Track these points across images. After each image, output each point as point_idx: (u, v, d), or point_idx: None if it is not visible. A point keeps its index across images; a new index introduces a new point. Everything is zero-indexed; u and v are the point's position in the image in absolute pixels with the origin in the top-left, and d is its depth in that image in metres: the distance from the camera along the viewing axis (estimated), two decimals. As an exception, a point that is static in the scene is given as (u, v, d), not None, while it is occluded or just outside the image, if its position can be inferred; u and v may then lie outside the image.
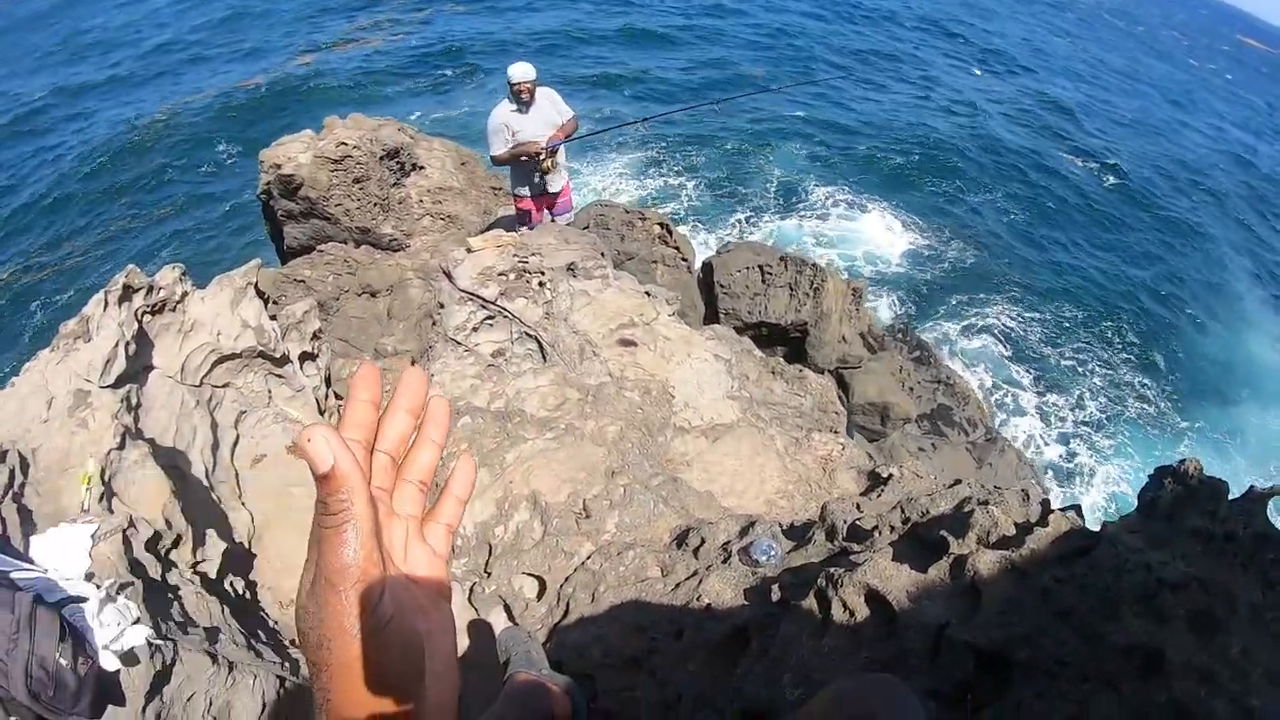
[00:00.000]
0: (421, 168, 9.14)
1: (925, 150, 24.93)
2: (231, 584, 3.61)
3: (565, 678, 2.94)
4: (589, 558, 3.46)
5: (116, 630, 2.42)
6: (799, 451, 4.10)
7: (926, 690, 2.52)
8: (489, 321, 5.01)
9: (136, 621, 2.54)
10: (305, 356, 4.98)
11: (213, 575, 3.46)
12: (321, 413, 4.91)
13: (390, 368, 6.35)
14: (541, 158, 6.38)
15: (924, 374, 11.44)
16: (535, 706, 2.57)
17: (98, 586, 2.51)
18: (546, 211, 6.91)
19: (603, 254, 5.50)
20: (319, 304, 6.89)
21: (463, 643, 3.53)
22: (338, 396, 5.30)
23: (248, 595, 3.72)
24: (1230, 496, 2.68)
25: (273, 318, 4.58)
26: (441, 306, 5.40)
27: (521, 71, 6.18)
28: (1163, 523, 2.68)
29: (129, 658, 2.51)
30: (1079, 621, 2.38)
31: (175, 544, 3.30)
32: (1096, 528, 2.65)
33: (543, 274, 5.16)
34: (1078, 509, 3.36)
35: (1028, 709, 2.42)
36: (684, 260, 8.89)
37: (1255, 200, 29.84)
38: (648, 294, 5.04)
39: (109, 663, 2.34)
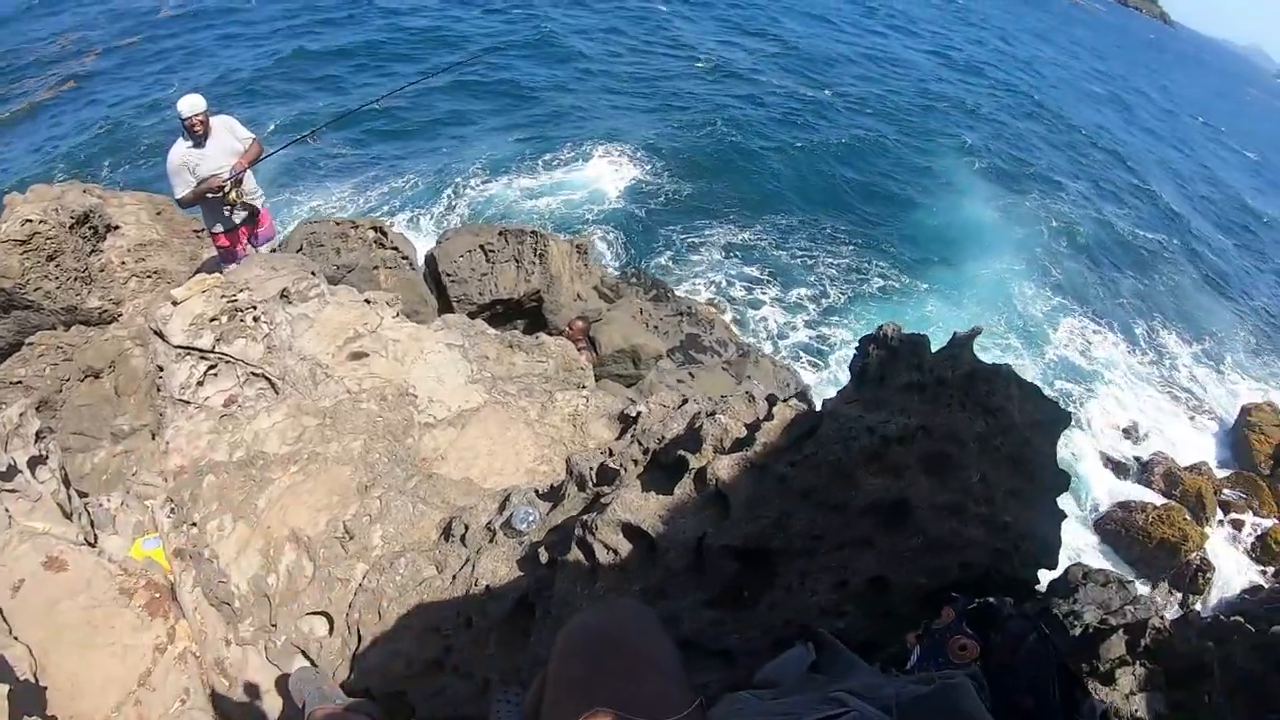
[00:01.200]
0: (116, 227, 8.35)
1: (632, 89, 25.47)
2: None
3: (359, 700, 2.89)
4: (364, 578, 3.38)
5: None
6: (547, 415, 4.14)
7: (702, 602, 2.63)
8: (212, 372, 4.71)
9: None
10: (34, 461, 4.52)
11: None
12: (68, 515, 4.48)
13: (131, 449, 5.86)
14: (226, 190, 6.00)
15: (665, 310, 11.80)
16: None
17: None
18: (249, 244, 6.53)
19: (314, 273, 5.27)
20: (44, 400, 6.29)
21: (275, 703, 3.38)
22: (81, 495, 4.86)
23: None
24: (935, 347, 2.92)
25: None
26: (160, 369, 5.02)
27: (190, 105, 5.78)
28: (875, 386, 2.87)
29: None
30: (821, 496, 2.53)
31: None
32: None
33: (255, 308, 4.88)
34: (802, 395, 3.58)
35: (797, 587, 2.57)
36: (405, 259, 8.70)
37: (959, 85, 32.63)
38: (367, 301, 4.89)
39: None
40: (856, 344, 3.08)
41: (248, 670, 3.44)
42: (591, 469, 3.10)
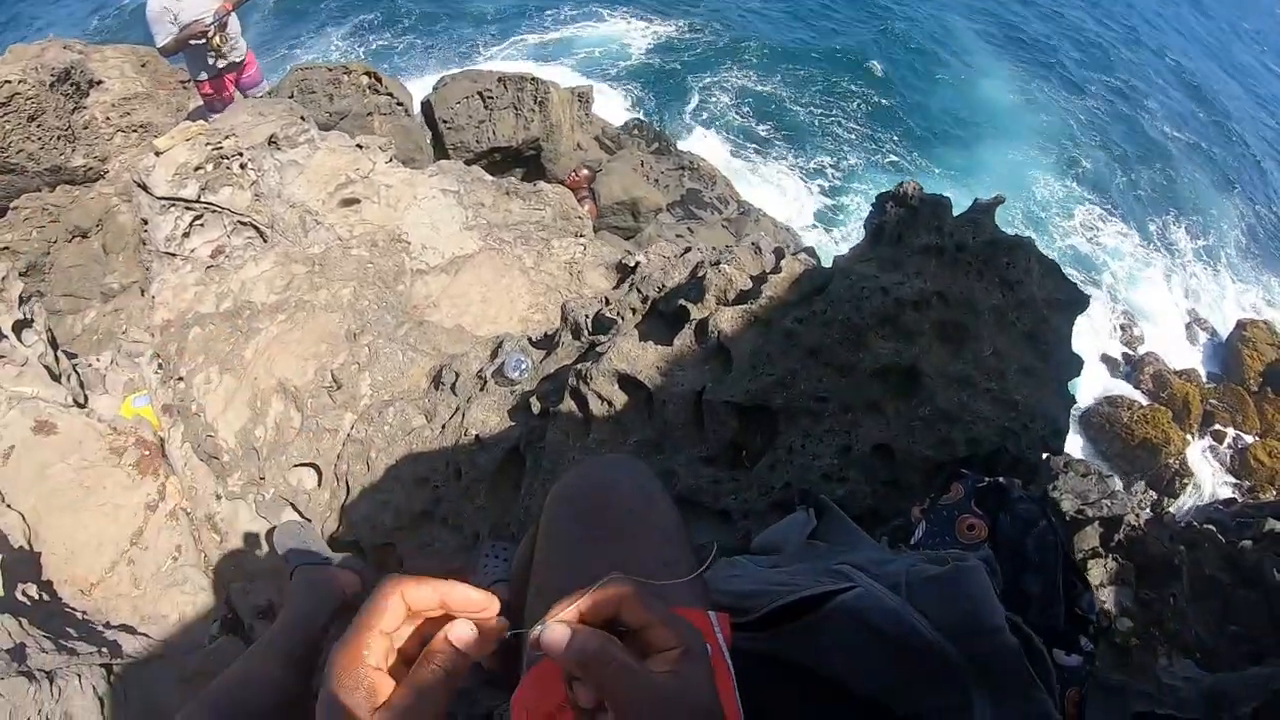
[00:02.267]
0: (99, 82, 8.00)
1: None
2: (24, 592, 3.26)
3: (343, 555, 2.85)
4: (353, 428, 3.30)
5: None
6: (543, 262, 3.99)
7: (700, 459, 2.54)
8: (198, 223, 4.53)
9: None
10: (20, 325, 4.41)
11: (0, 593, 3.11)
12: (56, 378, 4.40)
13: (121, 307, 5.74)
14: (210, 35, 5.68)
15: (667, 163, 11.47)
16: (323, 592, 2.48)
17: None
18: (236, 90, 6.23)
19: (303, 118, 5.01)
20: (32, 264, 6.18)
21: (267, 556, 3.36)
22: (69, 355, 4.77)
23: (44, 597, 3.37)
24: (955, 212, 2.74)
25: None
26: (145, 222, 4.83)
27: None
28: (891, 246, 2.71)
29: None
30: (829, 356, 2.40)
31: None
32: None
33: (242, 155, 4.65)
34: (810, 251, 3.41)
35: (799, 449, 2.47)
36: (400, 105, 8.35)
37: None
38: (359, 147, 4.67)
39: None
40: (873, 202, 2.90)
41: (238, 524, 3.42)
42: (587, 317, 2.97)
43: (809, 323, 2.40)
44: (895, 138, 18.47)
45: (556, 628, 0.67)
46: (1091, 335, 15.22)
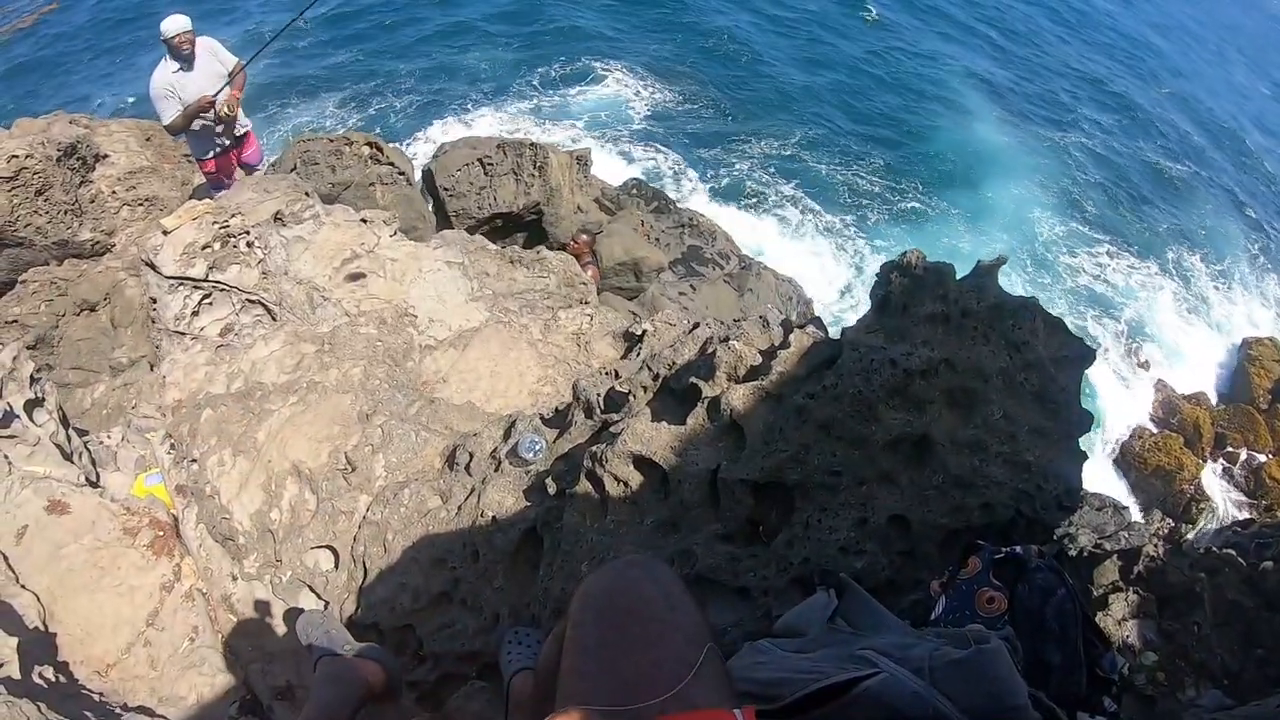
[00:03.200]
0: (105, 156, 8.13)
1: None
2: (40, 674, 3.25)
3: (367, 645, 2.84)
4: (368, 510, 3.31)
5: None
6: (550, 334, 4.02)
7: (717, 536, 2.55)
8: (207, 301, 4.58)
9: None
10: (31, 404, 4.43)
11: (17, 675, 3.10)
12: (68, 456, 4.42)
13: (130, 381, 5.77)
14: (217, 108, 5.79)
15: (667, 221, 11.65)
16: (349, 680, 2.49)
17: None
18: (238, 169, 6.33)
19: (307, 193, 5.09)
20: (40, 337, 6.22)
21: (285, 637, 3.35)
22: (80, 433, 4.79)
23: (60, 678, 3.36)
24: (959, 275, 2.78)
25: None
26: (154, 300, 4.89)
27: (177, 24, 5.55)
28: (897, 316, 2.75)
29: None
30: (841, 430, 2.43)
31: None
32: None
33: (248, 233, 4.72)
34: (817, 321, 3.44)
35: (815, 524, 2.47)
36: (401, 174, 8.51)
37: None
38: (364, 221, 4.73)
39: None
40: (877, 272, 2.94)
41: (254, 605, 3.41)
42: (599, 395, 2.99)
43: (820, 398, 2.42)
44: (898, 184, 18.70)
45: None
46: (1107, 365, 15.26)
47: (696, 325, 3.12)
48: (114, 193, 7.85)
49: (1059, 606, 2.06)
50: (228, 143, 6.14)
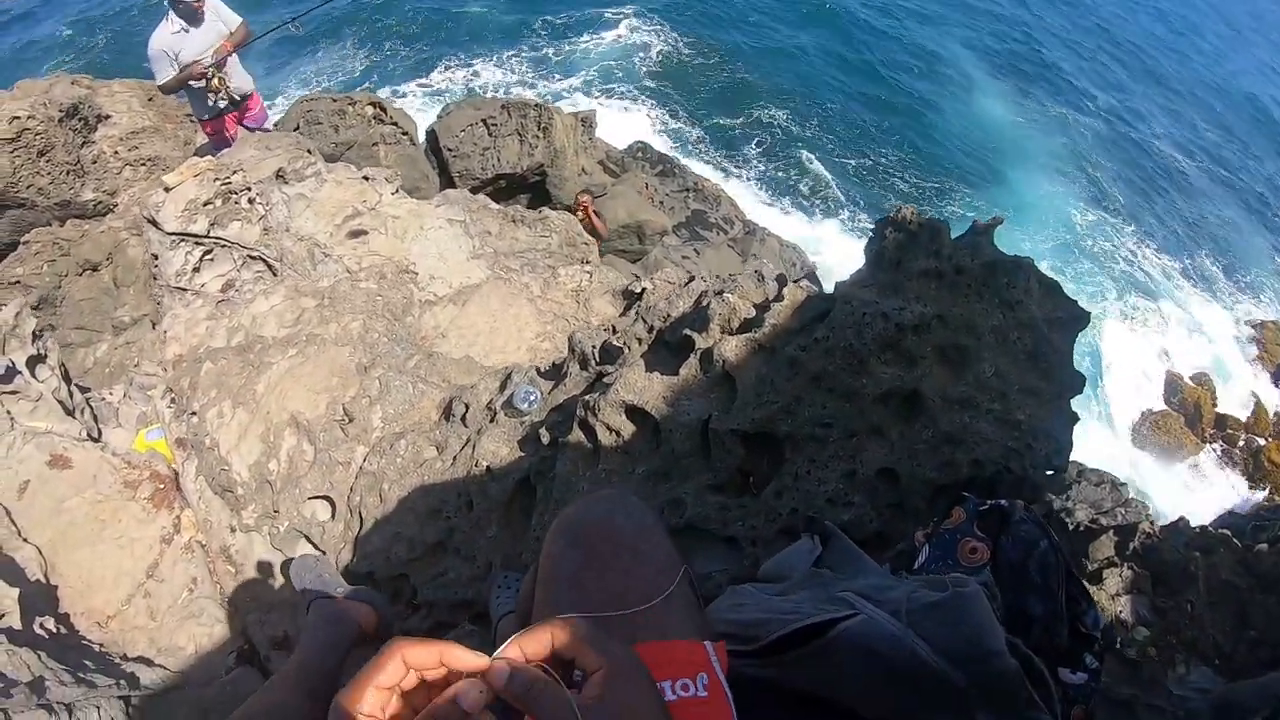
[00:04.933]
0: (107, 116, 8.12)
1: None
2: (41, 625, 3.30)
3: (359, 588, 2.88)
4: (365, 460, 3.34)
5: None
6: (550, 291, 4.04)
7: (707, 486, 2.57)
8: (208, 257, 4.60)
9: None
10: (33, 360, 4.47)
11: (18, 625, 3.15)
12: (69, 412, 4.46)
13: (133, 340, 5.80)
14: (209, 77, 5.76)
15: (671, 185, 11.59)
16: (342, 622, 2.52)
17: None
18: (240, 127, 6.31)
19: (309, 151, 5.09)
20: (43, 298, 6.24)
21: (282, 587, 3.40)
22: (82, 389, 4.83)
23: (61, 630, 3.41)
24: (954, 235, 2.78)
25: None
26: (156, 257, 4.91)
27: None
28: (891, 271, 2.74)
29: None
30: (832, 382, 2.44)
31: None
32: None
33: (250, 190, 4.73)
34: (812, 277, 3.46)
35: (804, 475, 2.49)
36: (405, 134, 8.47)
37: None
38: (366, 178, 4.73)
39: None
40: (872, 227, 2.94)
41: (253, 556, 3.46)
42: (594, 347, 3.01)
43: (812, 350, 2.43)
44: (910, 169, 18.54)
45: (498, 664, 0.74)
46: (1112, 343, 15.26)
47: (692, 279, 3.13)
48: (116, 153, 7.86)
49: (1041, 559, 2.08)
50: (224, 104, 6.10)
